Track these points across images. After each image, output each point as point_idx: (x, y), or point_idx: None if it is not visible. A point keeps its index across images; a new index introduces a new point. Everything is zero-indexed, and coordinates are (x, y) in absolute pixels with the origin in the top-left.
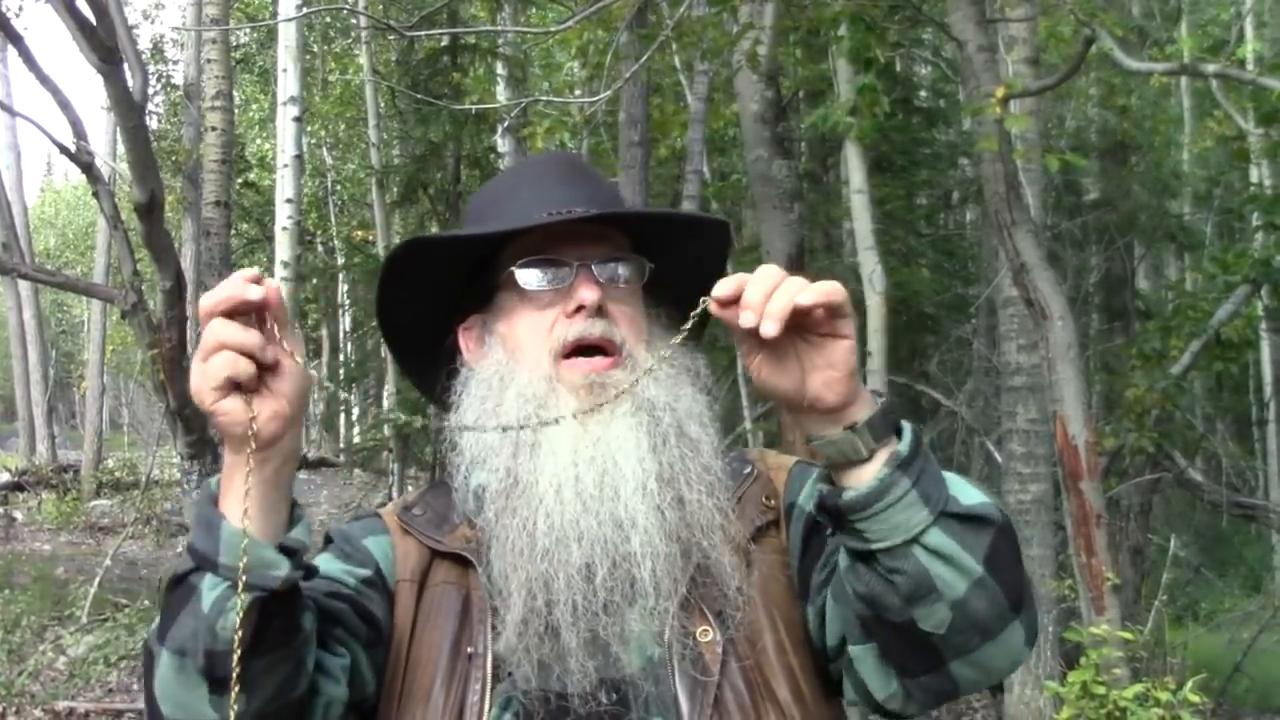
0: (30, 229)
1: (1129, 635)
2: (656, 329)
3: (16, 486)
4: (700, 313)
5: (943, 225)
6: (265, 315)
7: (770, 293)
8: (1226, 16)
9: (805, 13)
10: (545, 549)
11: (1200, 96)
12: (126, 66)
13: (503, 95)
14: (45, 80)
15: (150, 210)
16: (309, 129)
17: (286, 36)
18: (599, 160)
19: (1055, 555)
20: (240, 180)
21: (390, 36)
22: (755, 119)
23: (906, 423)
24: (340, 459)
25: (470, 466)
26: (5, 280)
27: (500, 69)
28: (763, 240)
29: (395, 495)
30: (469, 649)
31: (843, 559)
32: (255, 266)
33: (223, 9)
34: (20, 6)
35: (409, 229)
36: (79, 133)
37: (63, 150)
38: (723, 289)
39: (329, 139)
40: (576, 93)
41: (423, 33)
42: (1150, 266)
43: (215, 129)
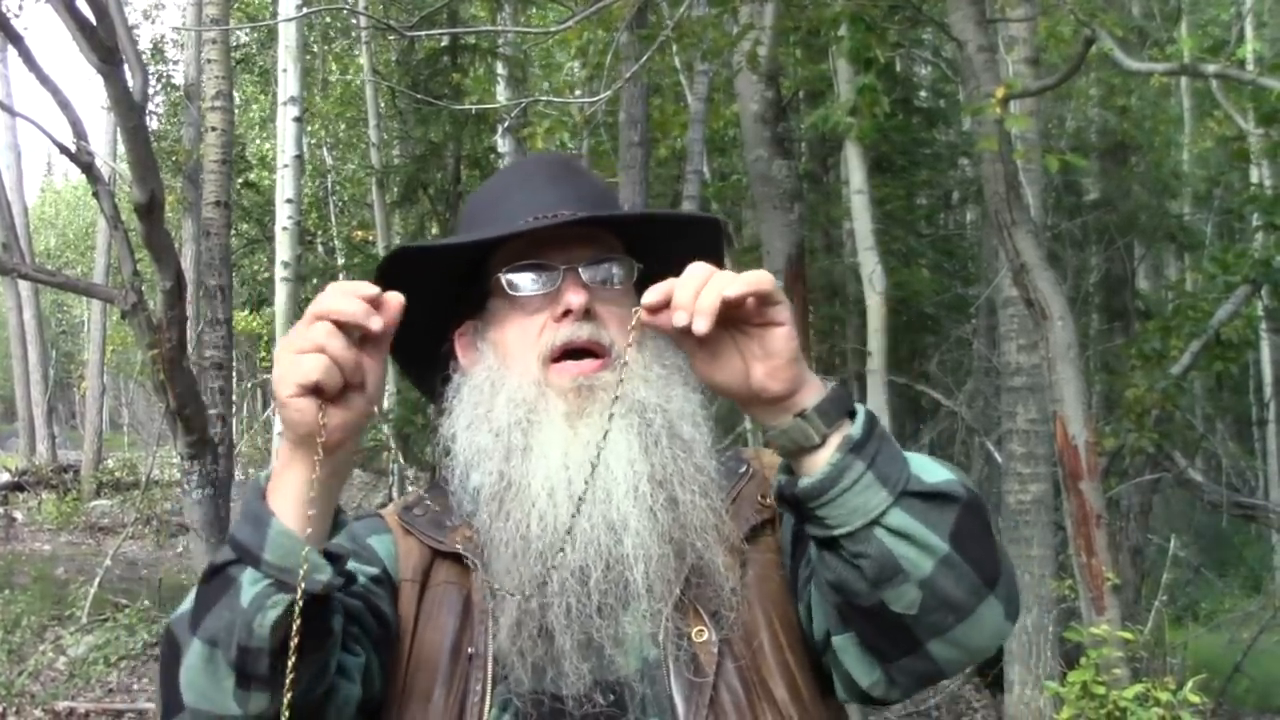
0: (30, 229)
1: (1129, 635)
2: (649, 329)
3: (16, 486)
4: (635, 324)
5: (943, 225)
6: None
7: (699, 290)
8: (1226, 16)
9: (805, 13)
10: (539, 551)
11: (1200, 96)
12: (126, 67)
13: (503, 95)
14: (45, 80)
15: (150, 210)
16: (309, 129)
17: (286, 37)
18: (599, 160)
19: (1055, 555)
20: (240, 180)
21: (390, 36)
22: (755, 119)
23: (860, 405)
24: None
25: (465, 470)
26: (5, 280)
27: (500, 69)
28: (763, 240)
29: (395, 495)
30: (469, 649)
31: (813, 549)
32: (364, 283)
33: (223, 9)
34: (20, 6)
35: (409, 229)
36: (79, 133)
37: (63, 150)
38: (651, 296)
39: (329, 139)
40: (576, 93)
41: (423, 33)
42: (1150, 266)
43: (215, 129)
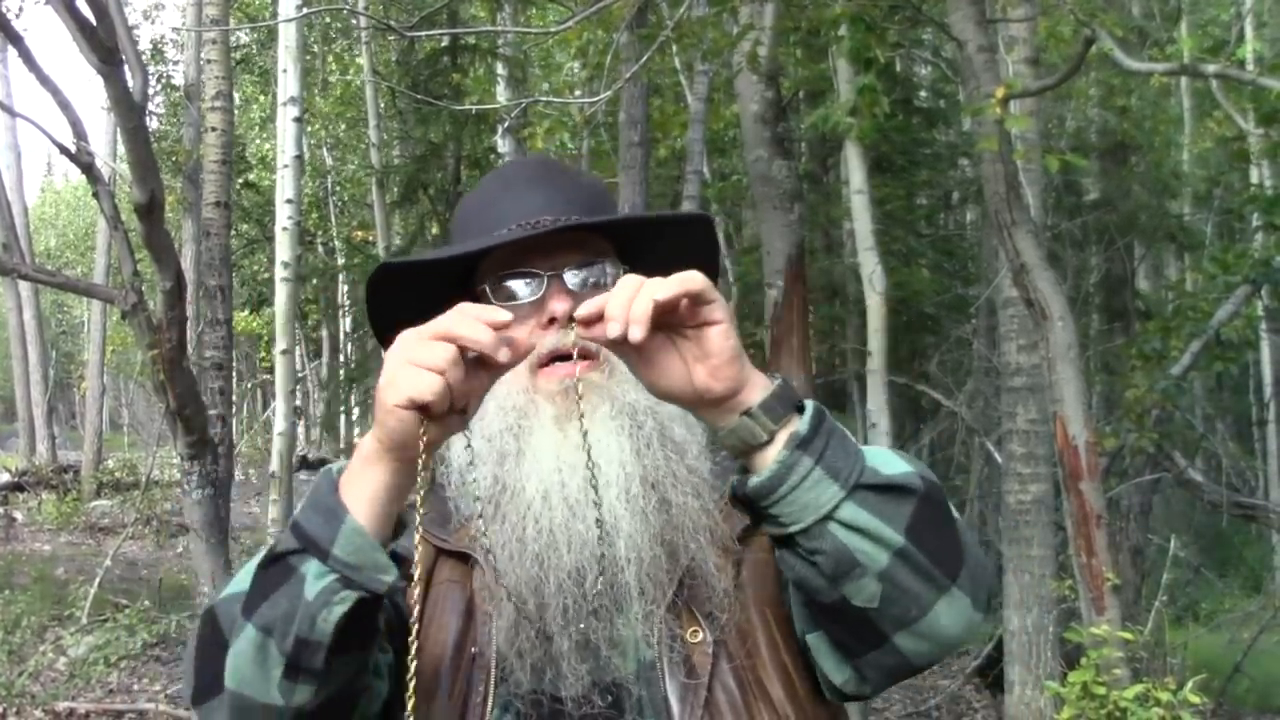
0: (30, 229)
1: (1129, 635)
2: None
3: (16, 487)
4: (574, 340)
5: (943, 225)
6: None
7: (631, 299)
8: (1226, 16)
9: (805, 13)
10: (535, 553)
11: (1200, 96)
12: (126, 67)
13: (503, 95)
14: (45, 80)
15: (150, 211)
16: (309, 129)
17: (286, 37)
18: (599, 160)
19: (1055, 555)
20: (240, 180)
21: (390, 37)
22: (755, 119)
23: (809, 400)
24: (341, 459)
25: (461, 473)
26: (5, 280)
27: (500, 69)
28: (763, 241)
29: None
30: (472, 649)
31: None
32: (496, 309)
33: (223, 9)
34: (20, 6)
35: (409, 229)
36: (79, 133)
37: (63, 150)
38: (584, 310)
39: (329, 139)
40: (576, 93)
41: (423, 33)
42: (1150, 266)
43: (215, 129)
